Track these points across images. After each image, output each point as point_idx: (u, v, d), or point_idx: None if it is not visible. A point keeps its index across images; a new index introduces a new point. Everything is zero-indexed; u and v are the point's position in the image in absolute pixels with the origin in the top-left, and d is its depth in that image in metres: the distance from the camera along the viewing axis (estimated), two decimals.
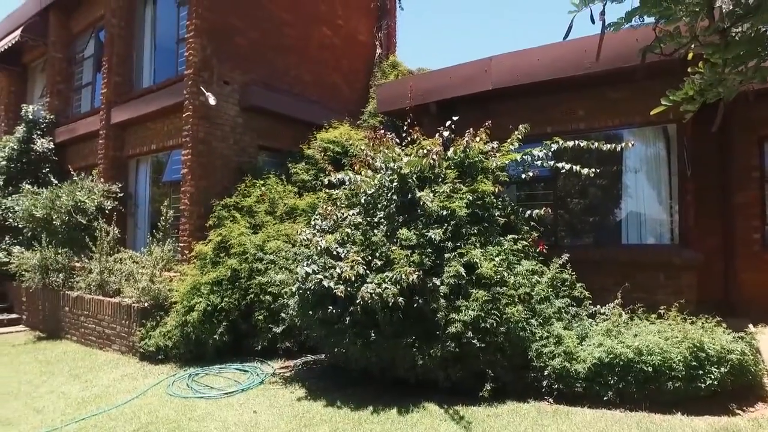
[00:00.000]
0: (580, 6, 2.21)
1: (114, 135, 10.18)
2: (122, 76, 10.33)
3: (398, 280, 4.72)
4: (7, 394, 5.85)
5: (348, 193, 6.02)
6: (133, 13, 10.54)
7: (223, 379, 5.98)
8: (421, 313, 4.90)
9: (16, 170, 11.38)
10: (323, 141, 8.70)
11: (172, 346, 6.67)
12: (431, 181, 5.71)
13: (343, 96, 11.25)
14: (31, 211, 9.33)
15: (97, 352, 7.71)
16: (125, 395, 5.57)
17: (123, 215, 9.91)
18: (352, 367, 5.40)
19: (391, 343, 4.88)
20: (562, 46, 6.49)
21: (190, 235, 7.97)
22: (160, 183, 9.94)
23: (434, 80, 7.87)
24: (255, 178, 8.30)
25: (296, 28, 10.23)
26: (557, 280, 5.41)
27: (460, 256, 5.08)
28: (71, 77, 12.60)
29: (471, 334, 4.64)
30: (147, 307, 7.18)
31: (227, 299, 6.54)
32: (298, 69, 10.23)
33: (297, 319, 5.59)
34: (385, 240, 5.21)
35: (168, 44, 9.98)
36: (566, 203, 7.39)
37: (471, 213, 5.38)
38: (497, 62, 7.11)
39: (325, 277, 4.94)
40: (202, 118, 8.27)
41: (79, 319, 8.45)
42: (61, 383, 6.18)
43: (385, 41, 12.44)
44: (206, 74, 8.37)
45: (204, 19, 8.40)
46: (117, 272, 8.20)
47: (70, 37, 12.56)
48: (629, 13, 2.18)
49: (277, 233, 7.09)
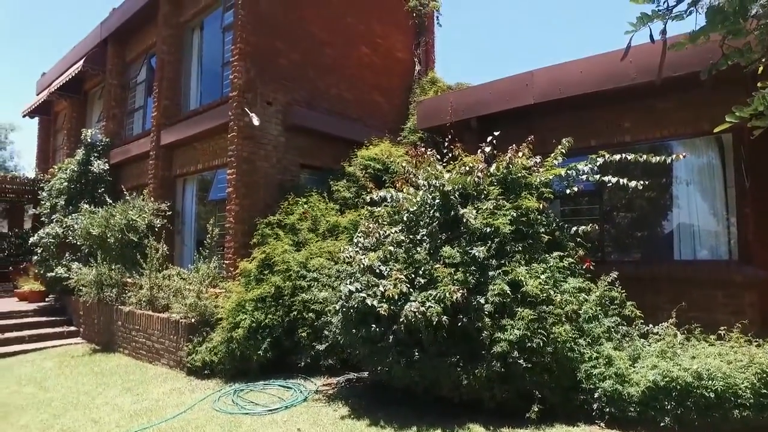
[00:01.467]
0: (638, 25, 2.13)
1: (163, 156, 10.62)
2: (171, 99, 10.79)
3: (442, 299, 4.67)
4: (69, 404, 6.14)
5: (390, 211, 6.03)
6: (182, 40, 11.04)
7: (267, 395, 6.04)
8: (465, 332, 4.82)
9: (76, 190, 12.02)
10: (364, 158, 8.78)
11: (217, 362, 6.81)
12: (474, 197, 5.66)
13: (382, 113, 11.36)
14: (88, 229, 9.79)
15: (147, 366, 7.95)
16: (174, 409, 5.71)
17: (171, 233, 10.27)
18: (395, 385, 5.35)
19: (435, 362, 4.82)
20: (606, 57, 6.35)
21: (235, 253, 8.16)
22: (206, 201, 10.26)
23: (474, 95, 7.83)
24: (297, 196, 8.44)
25: (336, 48, 10.44)
26: (606, 298, 5.22)
27: (504, 273, 4.99)
28: (125, 102, 13.28)
29: (517, 353, 4.53)
30: (194, 322, 7.37)
31: (271, 316, 6.63)
32: (338, 88, 10.42)
33: (340, 337, 5.60)
34: (428, 258, 5.18)
35: (214, 68, 10.38)
36: (612, 217, 7.16)
37: (515, 230, 5.28)
38: (538, 76, 7.02)
39: (368, 295, 4.95)
40: (246, 138, 8.51)
41: (130, 333, 8.75)
42: (114, 395, 6.40)
43: (423, 58, 12.51)
44: (250, 95, 8.63)
45: (248, 43, 8.69)
46: (165, 288, 8.45)
47: (124, 65, 13.27)
48: (695, 34, 2.08)
49: (319, 250, 7.16)
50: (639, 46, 6.02)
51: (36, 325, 10.70)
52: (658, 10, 2.08)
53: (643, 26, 2.11)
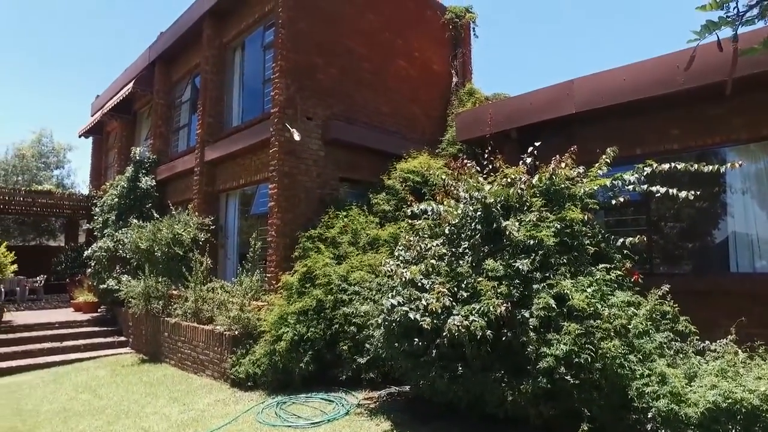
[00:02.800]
0: (702, 33, 2.02)
1: (207, 171, 10.95)
2: (214, 117, 11.15)
3: (485, 312, 4.60)
4: (121, 412, 6.37)
5: (431, 224, 6.01)
6: (224, 59, 11.43)
7: (310, 408, 6.07)
8: (509, 347, 4.72)
9: (126, 206, 12.54)
10: (403, 171, 8.81)
11: (260, 374, 6.90)
12: (516, 209, 5.57)
13: (420, 126, 11.39)
14: (137, 243, 10.17)
15: (192, 377, 8.14)
16: (219, 420, 5.82)
17: (215, 246, 10.55)
18: (438, 400, 5.28)
19: (478, 377, 4.73)
20: (651, 63, 6.18)
21: (277, 266, 8.29)
22: (248, 216, 10.50)
23: (514, 106, 7.76)
24: (337, 210, 8.53)
25: (373, 62, 10.57)
26: (657, 312, 5.00)
27: (549, 287, 4.87)
28: (171, 120, 13.82)
29: (564, 369, 4.39)
30: (237, 335, 7.51)
31: (313, 329, 6.68)
32: (376, 101, 10.52)
33: (382, 351, 5.59)
34: (470, 271, 5.12)
35: (254, 85, 10.68)
36: (660, 228, 6.91)
37: (559, 242, 5.15)
38: (580, 84, 6.89)
39: (410, 309, 4.92)
40: (287, 153, 8.68)
41: (176, 344, 9.00)
42: (162, 405, 6.59)
43: (460, 69, 12.49)
44: (290, 111, 8.82)
45: (288, 60, 8.90)
46: (210, 301, 8.66)
47: (170, 85, 13.83)
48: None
49: (360, 264, 7.20)
50: (686, 50, 5.89)
51: (90, 335, 11.18)
52: (727, 16, 1.99)
53: (708, 34, 2.01)
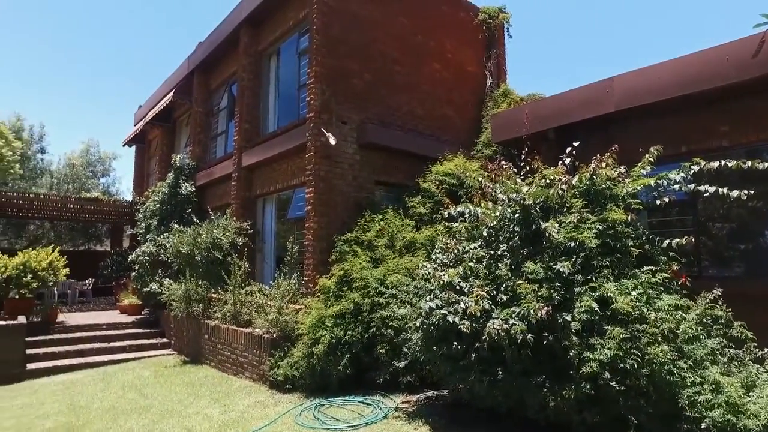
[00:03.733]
0: None
1: (244, 177, 11.17)
2: (251, 123, 11.38)
3: (526, 316, 4.51)
4: (165, 412, 6.57)
5: (468, 226, 5.95)
6: (260, 66, 11.66)
7: (347, 411, 6.09)
8: (551, 351, 4.61)
9: (167, 212, 12.93)
10: (438, 174, 8.76)
11: (299, 377, 6.97)
12: (555, 211, 5.45)
13: (455, 128, 11.32)
14: (178, 248, 10.46)
15: (232, 378, 8.30)
16: (259, 422, 5.90)
17: (252, 250, 10.74)
18: (477, 405, 5.21)
19: (519, 381, 4.64)
20: (697, 57, 5.96)
21: (314, 269, 8.36)
22: (284, 220, 10.65)
23: (551, 105, 7.61)
24: (373, 213, 8.55)
25: (407, 66, 10.57)
26: (707, 316, 4.80)
27: (591, 290, 4.73)
28: (209, 127, 14.19)
29: (608, 375, 4.25)
30: (275, 337, 7.61)
31: (350, 332, 6.70)
32: (410, 104, 10.52)
33: (420, 354, 5.56)
34: (509, 274, 5.04)
35: (290, 91, 10.84)
36: (709, 229, 6.63)
37: (601, 244, 5.01)
38: (620, 82, 6.70)
39: (449, 312, 4.88)
40: (323, 157, 8.77)
41: (216, 346, 9.19)
42: (204, 405, 6.74)
43: (494, 70, 12.36)
44: (326, 116, 8.91)
45: (322, 65, 9.01)
46: (248, 304, 8.81)
47: (208, 94, 14.22)
48: None
49: (397, 267, 7.18)
50: (733, 42, 5.64)
51: (134, 336, 11.57)
52: None
53: None
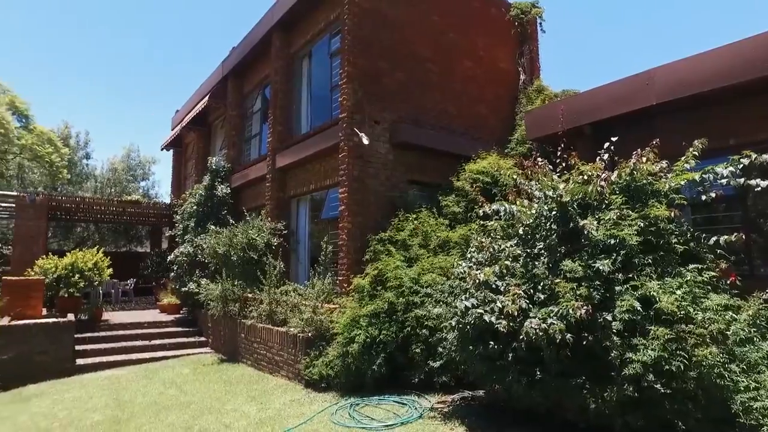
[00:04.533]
0: None
1: (278, 178, 11.33)
2: (284, 125, 11.53)
3: (564, 315, 4.41)
4: (204, 408, 6.72)
5: (503, 224, 5.86)
6: (292, 69, 11.80)
7: (383, 410, 6.09)
8: (591, 352, 4.49)
9: (204, 213, 13.21)
10: (472, 172, 8.67)
11: (334, 376, 7.00)
12: (594, 208, 5.31)
13: (488, 126, 11.19)
14: (215, 248, 10.68)
15: (268, 377, 8.42)
16: (295, 420, 5.96)
17: (287, 251, 10.87)
18: (514, 405, 5.13)
19: (558, 382, 4.54)
20: (743, 44, 5.70)
21: (348, 269, 8.40)
22: (318, 220, 10.74)
23: (587, 101, 7.43)
24: (407, 212, 8.53)
25: (439, 64, 10.51)
26: (761, 317, 4.57)
27: (633, 289, 4.58)
28: (243, 130, 14.45)
29: (652, 377, 4.10)
30: (310, 337, 7.67)
31: (385, 332, 6.69)
32: (442, 103, 10.46)
33: (455, 354, 5.50)
34: (546, 272, 4.93)
35: (322, 93, 10.93)
36: (760, 226, 6.32)
37: (643, 241, 4.84)
38: (661, 73, 6.48)
39: (485, 311, 4.81)
40: (356, 157, 8.81)
41: (252, 345, 9.34)
42: (241, 403, 6.86)
43: (528, 66, 12.15)
44: (358, 116, 8.95)
45: (355, 66, 9.05)
46: (283, 303, 8.91)
47: (242, 97, 14.49)
48: None
49: (431, 266, 7.14)
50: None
51: (173, 335, 11.88)
52: None
53: None
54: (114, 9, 52.21)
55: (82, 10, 50.97)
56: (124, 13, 53.17)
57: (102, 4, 51.23)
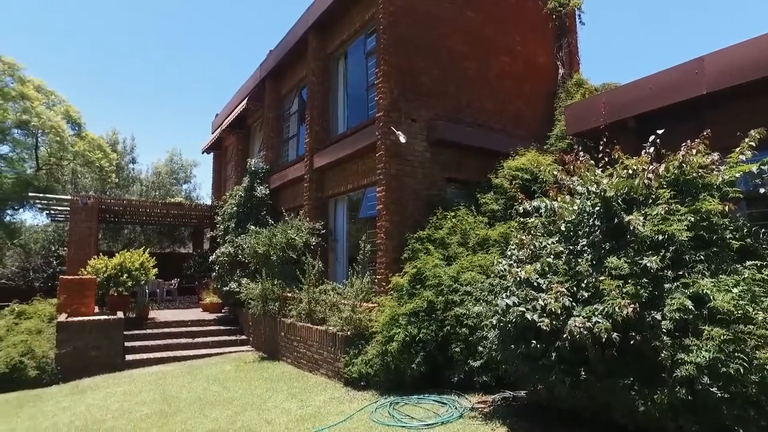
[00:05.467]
0: None
1: (316, 178, 11.45)
2: (321, 125, 11.65)
3: (610, 314, 4.26)
4: (246, 404, 6.86)
5: (544, 221, 5.73)
6: (328, 69, 11.91)
7: (422, 409, 6.05)
8: (638, 352, 4.32)
9: (244, 214, 13.51)
10: (511, 169, 8.54)
11: (373, 374, 7.02)
12: (640, 203, 5.11)
13: (526, 122, 10.98)
14: (255, 248, 10.88)
15: (308, 375, 8.52)
16: (335, 417, 6.00)
17: (325, 250, 10.98)
18: (558, 406, 5.00)
19: (604, 383, 4.39)
20: None
21: (387, 268, 8.40)
22: (356, 219, 10.79)
23: (631, 93, 7.17)
24: (445, 210, 8.47)
25: (475, 61, 10.39)
26: None
27: (684, 286, 4.38)
28: (281, 132, 14.69)
29: (707, 379, 3.91)
30: (349, 335, 7.71)
31: (424, 330, 6.65)
32: (479, 100, 10.33)
33: (496, 353, 5.41)
34: (590, 269, 4.79)
35: (358, 93, 10.99)
36: None
37: (694, 236, 4.63)
38: (711, 61, 6.17)
39: (527, 309, 4.71)
40: (393, 156, 8.81)
41: (291, 343, 9.47)
42: (282, 400, 6.96)
43: (567, 60, 11.85)
44: (395, 115, 8.94)
45: (390, 64, 9.05)
46: (322, 302, 9.00)
47: (279, 99, 14.73)
48: None
49: (470, 264, 7.07)
50: None
51: (215, 333, 12.20)
52: None
53: None
54: (160, 18, 54.09)
55: (131, 19, 53.05)
56: (170, 20, 54.99)
57: (147, 14, 53.15)
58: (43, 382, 9.19)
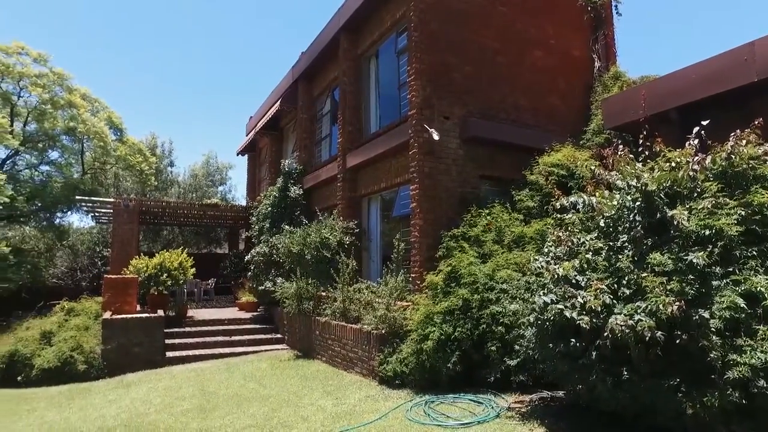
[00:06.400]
0: None
1: (349, 178, 11.50)
2: (353, 125, 11.69)
3: (654, 312, 4.10)
4: (282, 401, 6.94)
5: (582, 217, 5.58)
6: (360, 69, 11.96)
7: (458, 408, 5.99)
8: (685, 351, 4.15)
9: (278, 214, 13.69)
10: (546, 165, 8.36)
11: (408, 373, 6.98)
12: (684, 197, 4.91)
13: (561, 117, 10.74)
14: (289, 248, 11.02)
15: (343, 373, 8.55)
16: (370, 415, 6.00)
17: (359, 249, 11.00)
18: (598, 407, 4.84)
19: (648, 384, 4.23)
20: None
21: (421, 266, 8.36)
22: (389, 218, 10.79)
23: (673, 83, 6.91)
24: (479, 208, 8.38)
25: (508, 56, 10.24)
26: None
27: (734, 283, 4.18)
28: (313, 132, 14.84)
29: (764, 383, 3.69)
30: (384, 334, 7.70)
31: (460, 329, 6.58)
32: (513, 95, 10.17)
33: (533, 352, 5.30)
34: (631, 266, 4.63)
35: (390, 92, 10.99)
36: None
37: (745, 231, 4.40)
38: (763, 46, 5.86)
39: (565, 307, 4.59)
40: (426, 153, 8.76)
41: (326, 342, 9.54)
42: (317, 397, 7.01)
43: (603, 53, 11.54)
44: (428, 112, 8.89)
45: (422, 62, 9.00)
46: (356, 301, 9.02)
47: (311, 100, 14.88)
48: None
49: (506, 262, 6.96)
50: None
51: (252, 332, 12.41)
52: None
53: None
54: (198, 22, 55.60)
55: (173, 27, 54.70)
56: (207, 24, 56.46)
57: (182, 20, 54.71)
58: (91, 376, 9.67)
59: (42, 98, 20.00)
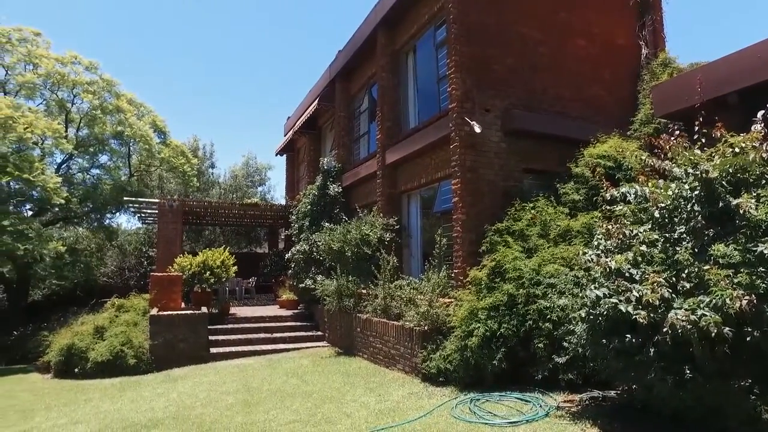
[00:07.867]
0: None
1: (388, 174, 11.42)
2: (392, 121, 11.61)
3: (719, 306, 3.84)
4: (325, 398, 6.93)
5: (633, 209, 5.32)
6: (398, 65, 11.87)
7: (505, 407, 5.82)
8: (756, 350, 3.88)
9: (317, 212, 13.77)
10: (592, 157, 8.05)
11: (452, 370, 6.85)
12: (749, 184, 4.60)
13: (606, 107, 10.34)
14: (329, 245, 11.04)
15: (384, 370, 8.49)
16: (413, 412, 5.91)
17: (399, 245, 10.92)
18: (656, 408, 4.60)
19: (714, 384, 3.97)
20: None
21: (464, 261, 8.20)
22: (430, 214, 10.65)
23: (733, 64, 6.50)
24: (523, 202, 8.16)
25: (549, 46, 9.93)
26: None
27: None
28: (351, 130, 14.84)
29: None
30: (427, 330, 7.58)
31: (505, 325, 6.40)
32: (555, 86, 9.86)
33: (584, 349, 5.08)
34: (691, 258, 4.36)
35: (427, 86, 10.87)
36: None
37: None
38: None
39: (619, 300, 4.37)
40: (467, 147, 8.59)
41: (368, 339, 9.50)
42: (360, 394, 6.97)
43: (651, 39, 11.03)
44: (468, 105, 8.72)
45: (462, 54, 8.83)
46: (398, 298, 8.93)
47: (349, 98, 14.89)
48: None
49: (552, 257, 6.73)
50: None
51: (292, 329, 12.53)
52: None
53: None
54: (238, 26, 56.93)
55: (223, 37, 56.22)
56: (248, 28, 57.75)
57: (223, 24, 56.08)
58: (140, 369, 10.03)
59: (93, 104, 20.91)
